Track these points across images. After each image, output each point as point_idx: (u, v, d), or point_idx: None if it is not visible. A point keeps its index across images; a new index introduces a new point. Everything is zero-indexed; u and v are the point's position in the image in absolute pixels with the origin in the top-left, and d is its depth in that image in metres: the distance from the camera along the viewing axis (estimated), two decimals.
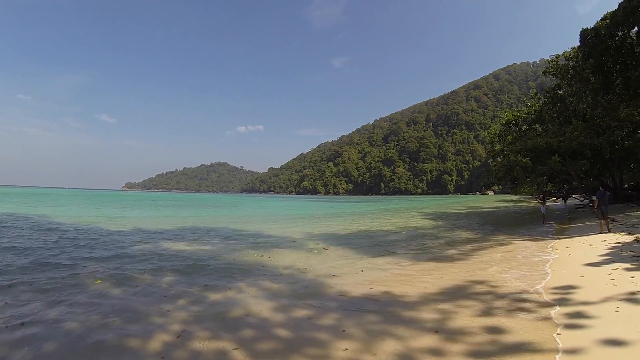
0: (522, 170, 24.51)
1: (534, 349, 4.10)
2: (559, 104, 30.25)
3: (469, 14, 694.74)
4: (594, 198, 17.44)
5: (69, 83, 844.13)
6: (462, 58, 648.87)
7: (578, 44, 28.17)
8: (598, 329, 4.42)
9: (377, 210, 46.65)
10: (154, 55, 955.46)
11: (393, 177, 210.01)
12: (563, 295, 6.11)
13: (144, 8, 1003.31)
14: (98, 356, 4.31)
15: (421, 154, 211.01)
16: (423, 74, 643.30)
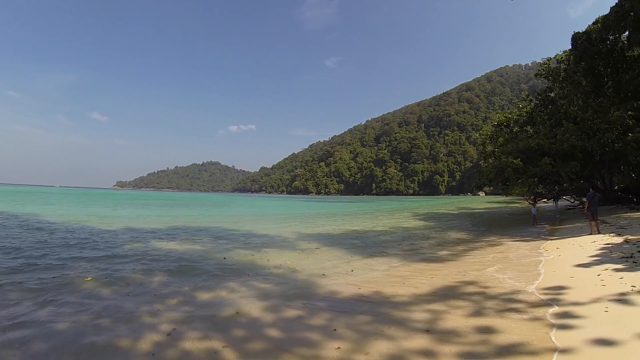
0: (514, 171, 24.71)
1: (529, 350, 4.10)
2: (550, 106, 30.61)
3: (462, 16, 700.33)
4: (584, 199, 17.68)
5: (60, 81, 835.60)
6: (454, 60, 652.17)
7: (570, 47, 28.53)
8: (589, 329, 4.45)
9: (369, 210, 46.73)
10: (146, 53, 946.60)
11: (384, 177, 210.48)
12: (554, 296, 6.16)
13: (136, 7, 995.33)
14: (89, 356, 4.25)
15: (413, 155, 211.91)
16: (415, 75, 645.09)
